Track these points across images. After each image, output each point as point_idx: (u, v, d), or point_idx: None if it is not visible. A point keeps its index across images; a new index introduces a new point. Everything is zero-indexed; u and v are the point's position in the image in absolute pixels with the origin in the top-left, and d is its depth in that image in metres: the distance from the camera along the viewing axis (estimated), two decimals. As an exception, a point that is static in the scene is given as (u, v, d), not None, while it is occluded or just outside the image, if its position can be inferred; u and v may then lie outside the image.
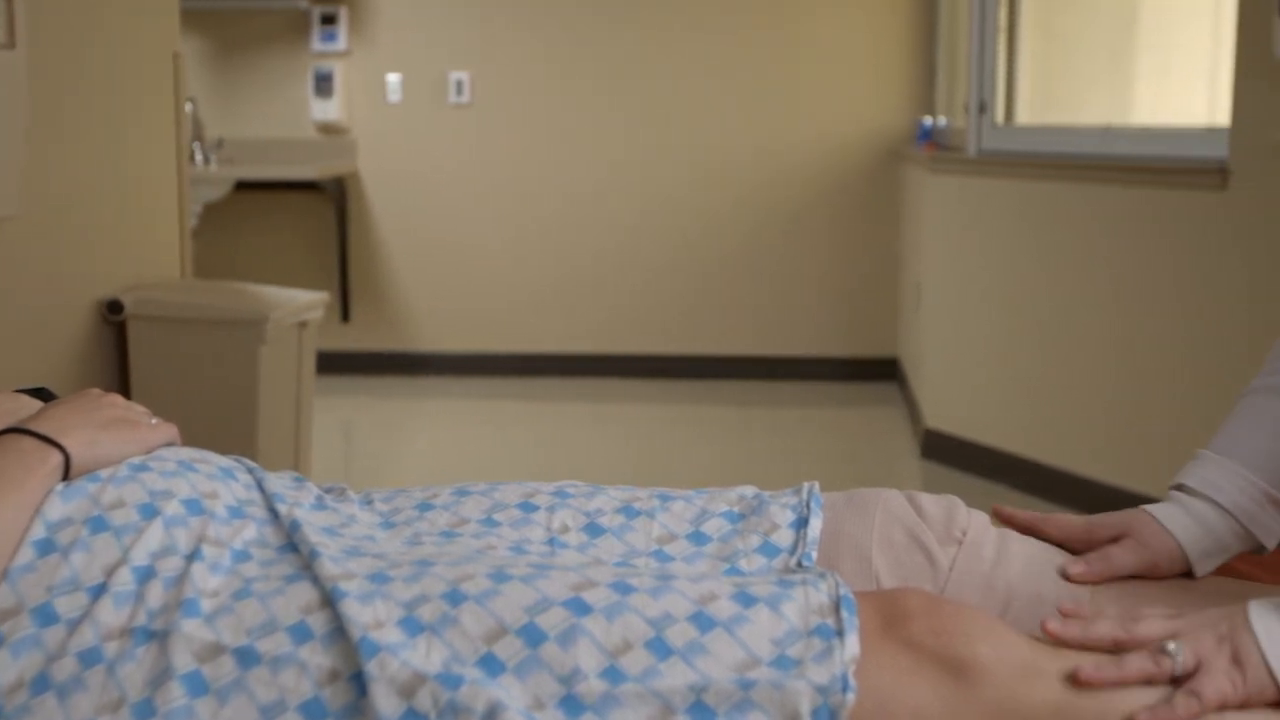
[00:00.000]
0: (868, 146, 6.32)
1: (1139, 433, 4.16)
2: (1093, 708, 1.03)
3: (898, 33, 6.28)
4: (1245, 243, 3.75)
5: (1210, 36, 4.21)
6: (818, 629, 1.05)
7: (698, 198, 6.39)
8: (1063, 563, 1.26)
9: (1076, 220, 4.35)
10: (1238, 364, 3.80)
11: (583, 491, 1.32)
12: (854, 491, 1.33)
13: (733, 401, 6.13)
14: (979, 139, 4.91)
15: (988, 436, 4.74)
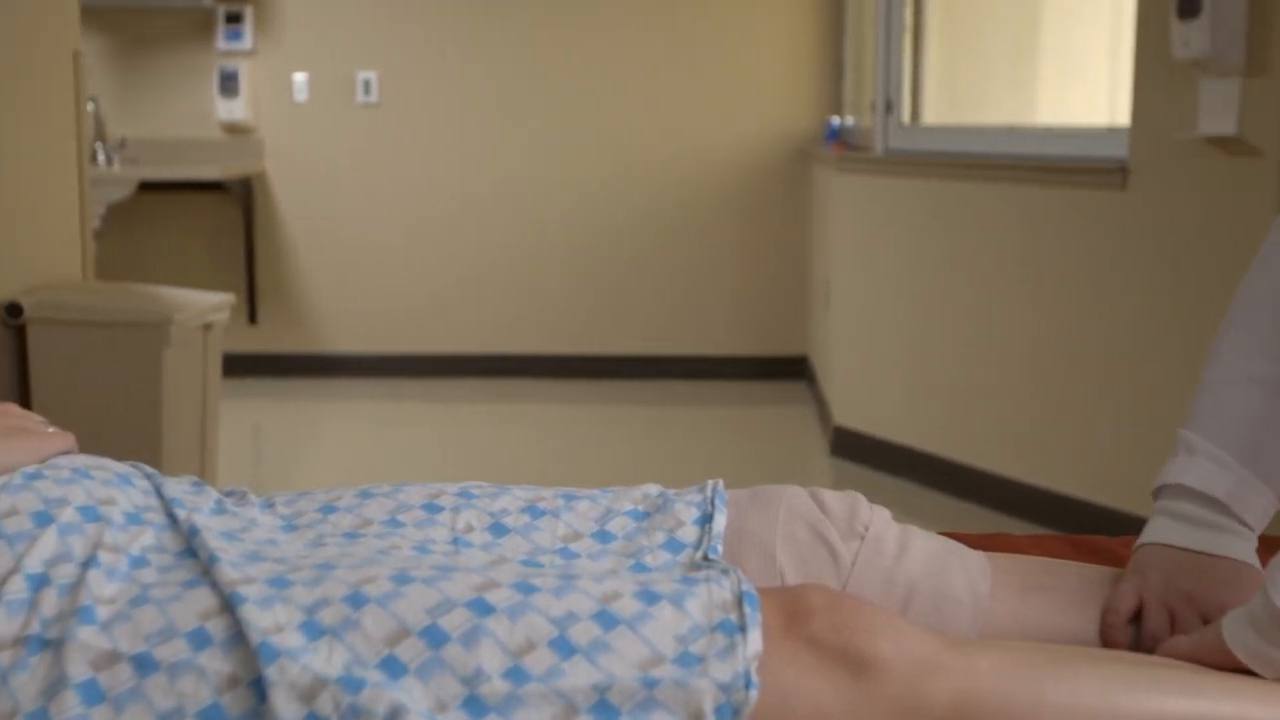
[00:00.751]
0: (777, 146, 6.35)
1: (1046, 429, 4.22)
2: (992, 703, 1.04)
3: (806, 33, 6.32)
4: (1145, 240, 3.81)
5: (1110, 37, 4.27)
6: (721, 624, 1.06)
7: (606, 197, 6.39)
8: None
9: (982, 219, 4.40)
10: (1140, 359, 3.86)
11: (488, 492, 1.32)
12: (758, 488, 1.33)
13: (642, 401, 6.14)
14: (885, 139, 4.95)
15: (897, 434, 4.78)
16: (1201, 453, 1.33)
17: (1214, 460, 1.32)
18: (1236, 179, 3.50)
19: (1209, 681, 1.08)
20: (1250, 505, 1.31)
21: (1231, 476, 1.31)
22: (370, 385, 6.41)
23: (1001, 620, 1.25)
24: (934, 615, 1.24)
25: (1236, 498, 1.31)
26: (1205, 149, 3.57)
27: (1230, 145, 3.50)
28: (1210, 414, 1.35)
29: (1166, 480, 1.35)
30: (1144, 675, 1.08)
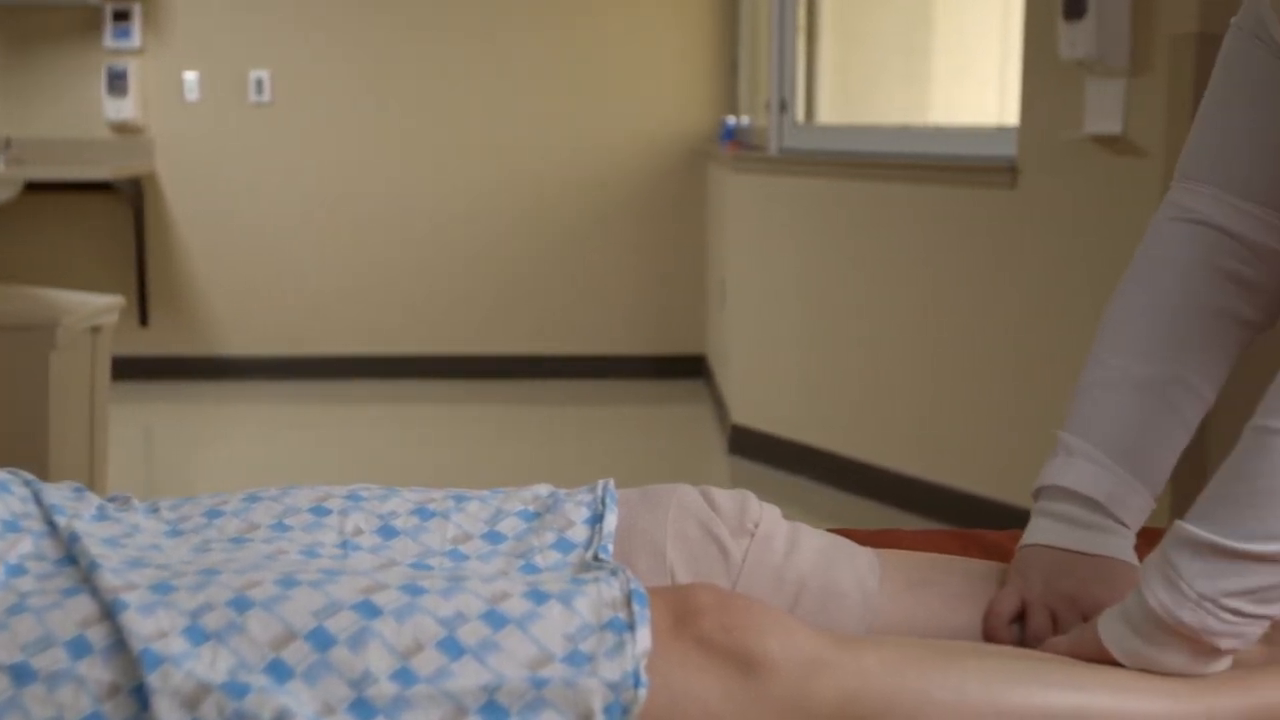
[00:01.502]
0: (673, 145, 6.37)
1: (941, 425, 4.26)
2: (879, 700, 1.05)
3: (701, 32, 6.34)
4: (1035, 239, 3.86)
5: (1000, 38, 4.33)
6: (610, 623, 1.05)
7: (503, 197, 6.37)
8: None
9: (876, 217, 4.44)
10: (1031, 355, 3.92)
11: (376, 494, 1.31)
12: (648, 487, 1.33)
13: (540, 401, 6.13)
14: (780, 138, 4.98)
15: (794, 431, 4.81)
16: (1079, 454, 1.35)
17: (1092, 461, 1.34)
18: (1122, 178, 3.56)
19: (1092, 675, 1.10)
20: (1128, 506, 1.33)
21: (1109, 477, 1.33)
22: (264, 388, 6.34)
23: (889, 616, 1.26)
24: (823, 612, 1.25)
25: (1114, 498, 1.33)
26: (1092, 148, 3.63)
27: (1116, 144, 3.56)
28: (1088, 416, 1.37)
29: (1045, 482, 1.37)
30: (1028, 669, 1.09)
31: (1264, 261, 1.36)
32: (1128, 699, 1.07)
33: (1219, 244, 1.37)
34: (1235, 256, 1.36)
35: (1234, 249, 1.36)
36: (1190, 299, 1.37)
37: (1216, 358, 1.38)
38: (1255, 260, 1.36)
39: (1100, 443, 1.35)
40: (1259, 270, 1.37)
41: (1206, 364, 1.38)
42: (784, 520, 1.32)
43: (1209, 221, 1.37)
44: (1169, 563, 1.11)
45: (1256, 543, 1.07)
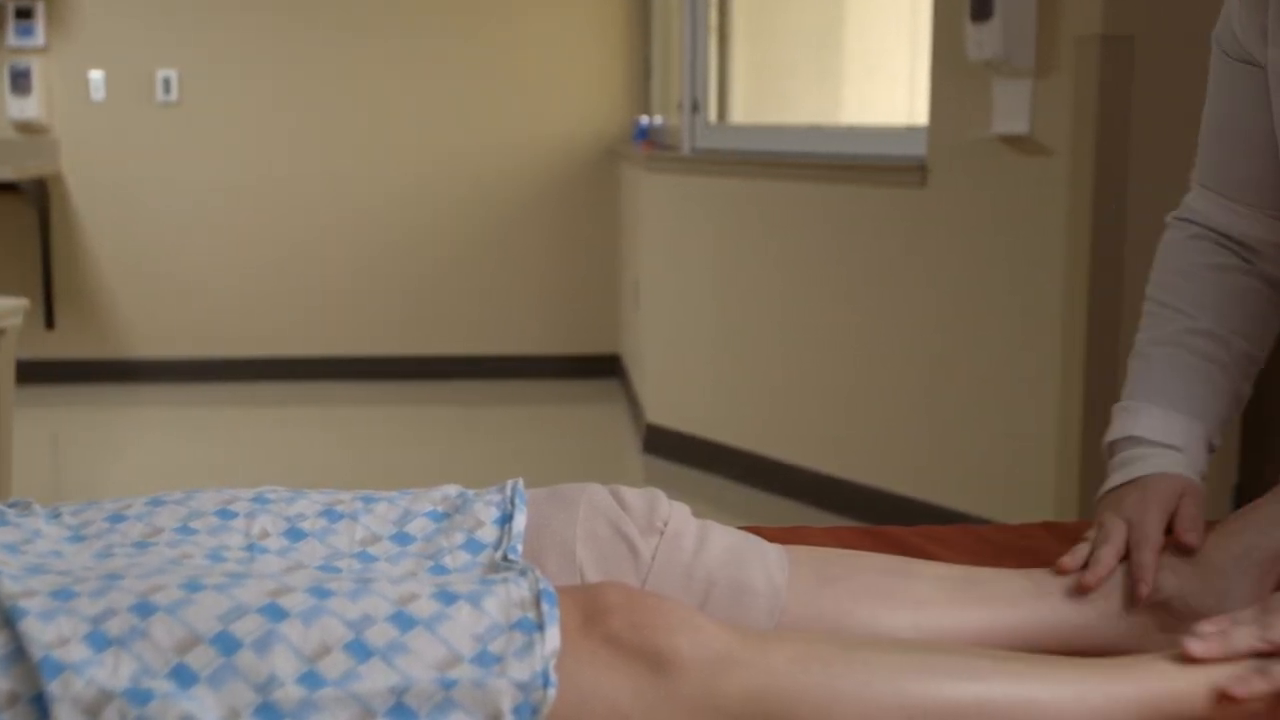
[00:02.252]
0: (586, 145, 6.37)
1: (852, 423, 4.30)
2: (787, 696, 1.06)
3: (613, 32, 6.34)
4: (944, 238, 3.90)
5: (909, 38, 4.37)
6: (519, 623, 1.05)
7: (415, 198, 6.34)
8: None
9: (788, 217, 4.46)
10: (941, 352, 3.96)
11: (283, 496, 1.30)
12: (558, 487, 1.33)
13: (454, 402, 6.11)
14: (693, 138, 4.99)
15: (708, 430, 4.82)
16: (1119, 413, 1.47)
17: (1126, 411, 1.46)
18: (1029, 177, 3.60)
19: (994, 665, 1.11)
20: (1176, 433, 1.43)
21: (1140, 416, 1.45)
22: (174, 390, 6.26)
23: (798, 612, 1.27)
24: (732, 609, 1.26)
25: (1151, 428, 1.44)
26: (999, 148, 3.67)
27: (1023, 144, 3.60)
28: (1142, 377, 1.49)
29: (1113, 437, 1.47)
30: (933, 662, 1.10)
31: (1272, 255, 1.50)
32: (1028, 687, 1.09)
33: (1227, 245, 1.51)
34: (1244, 253, 1.51)
35: (1243, 251, 1.51)
36: (1216, 288, 1.50)
37: (1257, 329, 1.49)
38: (1263, 255, 1.50)
39: (1135, 395, 1.48)
40: (1270, 263, 1.50)
41: (1246, 331, 1.48)
42: (693, 518, 1.32)
43: (1214, 227, 1.52)
44: None
45: None
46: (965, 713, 1.07)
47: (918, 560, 1.37)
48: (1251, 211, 1.48)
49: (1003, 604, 1.29)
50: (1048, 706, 1.08)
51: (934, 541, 1.57)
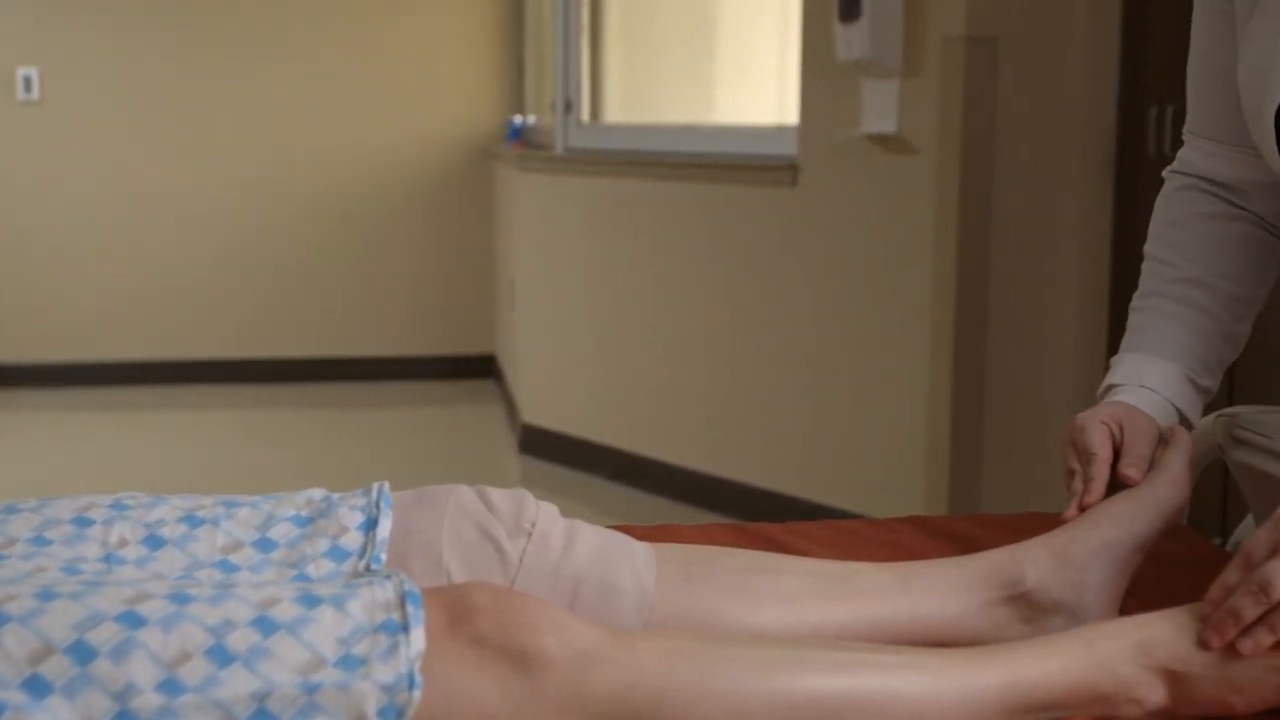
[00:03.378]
0: (459, 144, 6.34)
1: (726, 421, 4.32)
2: (654, 693, 1.06)
3: (486, 31, 6.32)
4: (815, 236, 3.94)
5: (780, 38, 4.40)
6: (384, 625, 1.04)
7: (288, 198, 6.27)
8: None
9: (662, 216, 4.48)
10: (813, 349, 4.00)
11: (142, 502, 1.27)
12: (424, 489, 1.32)
13: (327, 405, 6.04)
14: (566, 137, 4.99)
15: (584, 430, 4.83)
16: (1122, 361, 1.50)
17: (1133, 355, 1.50)
18: (897, 175, 3.65)
19: (858, 658, 1.12)
20: (1139, 370, 1.48)
21: (1123, 364, 1.49)
22: (39, 396, 6.12)
23: (665, 610, 1.27)
24: (600, 608, 1.25)
25: (1130, 373, 1.48)
26: (868, 147, 3.72)
27: (891, 144, 3.65)
28: (1128, 331, 1.53)
29: (1099, 392, 1.51)
30: (798, 656, 1.11)
31: (1260, 195, 1.53)
32: (892, 678, 1.10)
33: (1220, 193, 1.54)
34: (1239, 199, 1.53)
35: (1234, 196, 1.53)
36: (1212, 238, 1.53)
37: (1251, 276, 1.53)
38: (1251, 196, 1.53)
39: (1121, 350, 1.52)
40: (1260, 203, 1.53)
41: (1243, 281, 1.52)
42: (561, 518, 1.32)
43: (1206, 175, 1.55)
44: None
45: None
46: (831, 705, 1.08)
47: (785, 556, 1.38)
48: (1236, 152, 1.50)
49: (869, 598, 1.30)
50: (911, 696, 1.09)
51: (803, 537, 1.58)
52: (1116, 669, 1.13)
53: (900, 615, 1.30)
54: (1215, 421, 1.61)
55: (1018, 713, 1.11)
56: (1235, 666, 1.12)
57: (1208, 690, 1.13)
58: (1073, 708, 1.13)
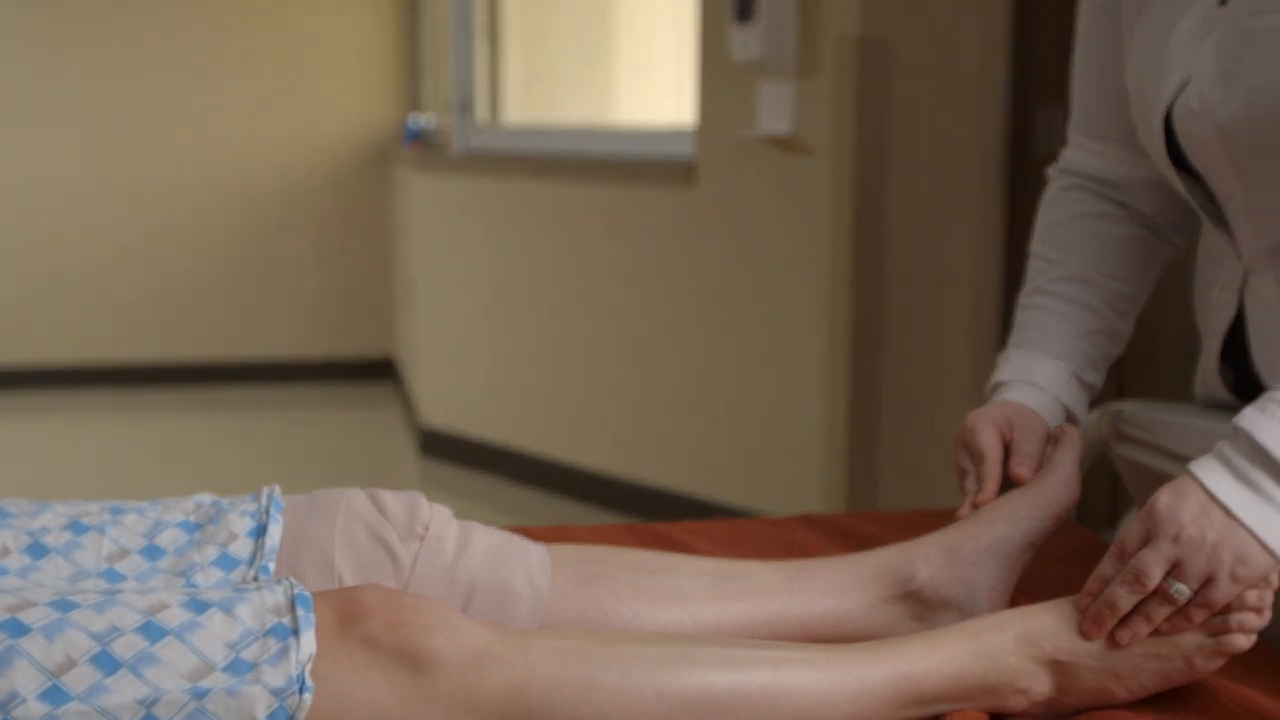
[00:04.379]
0: (355, 145, 6.30)
1: (626, 420, 4.33)
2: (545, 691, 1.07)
3: (383, 31, 6.28)
4: (713, 236, 3.96)
5: (677, 39, 4.42)
6: (273, 629, 1.04)
7: (179, 201, 6.18)
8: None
9: (561, 217, 4.48)
10: (710, 348, 4.01)
11: (26, 509, 1.25)
12: (316, 493, 1.31)
13: (223, 408, 5.97)
14: (463, 138, 4.97)
15: (485, 431, 4.81)
16: (1009, 359, 1.52)
17: (1004, 360, 1.52)
18: (793, 176, 3.68)
19: (748, 653, 1.13)
20: (1024, 368, 1.50)
21: (1012, 361, 1.51)
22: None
23: (560, 611, 1.27)
24: (495, 610, 1.25)
25: (1017, 369, 1.50)
26: (765, 148, 3.74)
27: (787, 144, 3.68)
28: (1015, 329, 1.54)
29: (986, 390, 1.53)
30: (689, 653, 1.12)
31: (1144, 194, 1.54)
32: (782, 674, 1.11)
33: (1103, 193, 1.55)
34: (1118, 194, 1.55)
35: (1118, 195, 1.55)
36: (1094, 235, 1.54)
37: (1133, 277, 1.55)
38: (1136, 194, 1.54)
39: (1007, 348, 1.53)
40: (1143, 202, 1.54)
41: (1125, 281, 1.54)
42: (455, 521, 1.32)
43: (1085, 170, 1.57)
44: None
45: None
46: (721, 700, 1.09)
47: (680, 555, 1.38)
48: (1121, 150, 1.52)
49: (761, 596, 1.31)
50: (801, 690, 1.10)
51: (697, 536, 1.59)
52: (1002, 660, 1.15)
53: (793, 613, 1.31)
54: (1101, 417, 1.64)
55: (906, 705, 1.13)
56: (1117, 655, 1.15)
57: (1090, 679, 1.15)
58: (961, 699, 1.14)
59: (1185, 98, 1.32)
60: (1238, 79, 1.27)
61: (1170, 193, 1.52)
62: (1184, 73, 1.32)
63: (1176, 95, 1.33)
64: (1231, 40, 1.28)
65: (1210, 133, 1.30)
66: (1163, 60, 1.35)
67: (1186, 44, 1.32)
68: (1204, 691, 1.16)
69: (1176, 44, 1.33)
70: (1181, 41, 1.33)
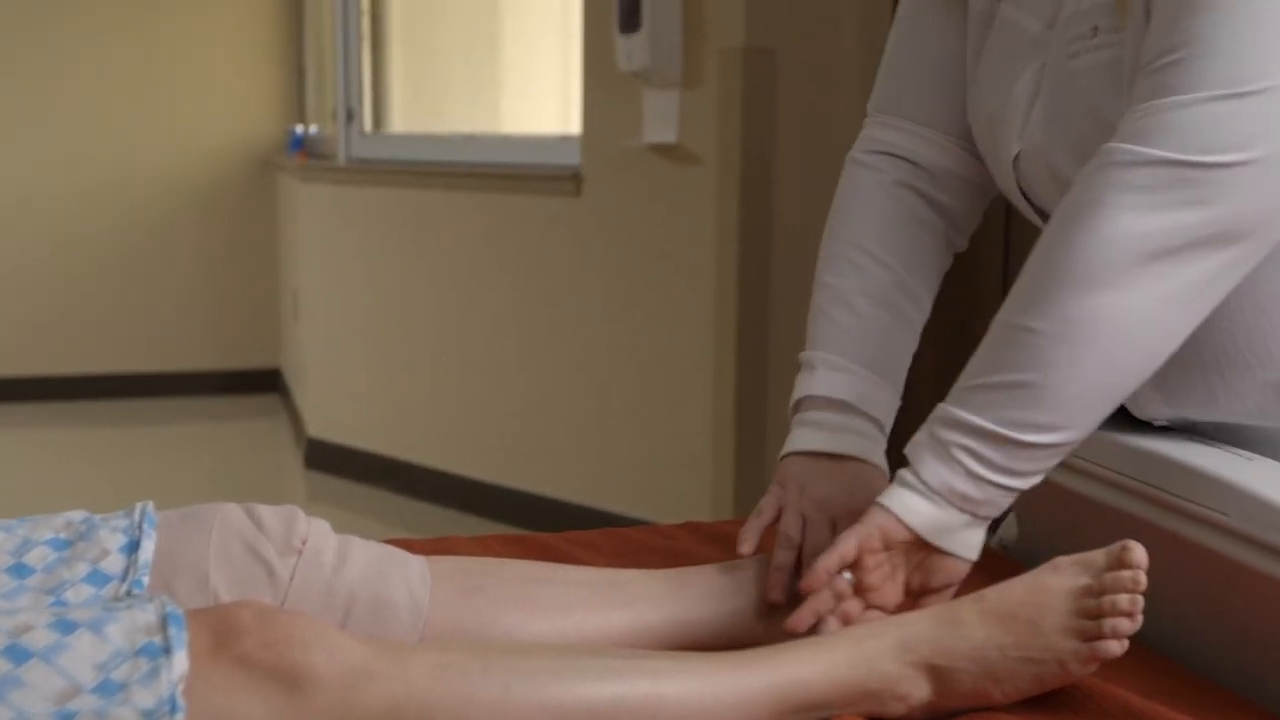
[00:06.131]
0: (239, 155, 6.22)
1: (514, 430, 4.31)
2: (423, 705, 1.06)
3: (266, 39, 6.21)
4: (600, 244, 3.96)
5: (563, 48, 4.42)
6: (144, 648, 1.02)
7: (62, 210, 6.06)
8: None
9: (446, 226, 4.45)
10: (598, 355, 4.01)
11: (-112, 529, 1.22)
12: (191, 508, 1.29)
13: (105, 423, 5.86)
14: (348, 147, 4.93)
15: (371, 443, 4.77)
16: (823, 364, 1.42)
17: (835, 369, 1.41)
18: (678, 184, 3.69)
19: (629, 664, 1.13)
20: (877, 401, 1.41)
21: (855, 379, 1.41)
22: None
23: (441, 623, 1.26)
24: (374, 624, 1.24)
25: (864, 398, 1.40)
26: (651, 157, 3.75)
27: (672, 153, 3.69)
28: (825, 333, 1.44)
29: (797, 396, 1.44)
30: (571, 664, 1.11)
31: (951, 185, 1.48)
32: (663, 683, 1.11)
33: (908, 169, 1.48)
34: (925, 180, 1.48)
35: (922, 175, 1.48)
36: (892, 214, 1.47)
37: (927, 263, 1.48)
38: (943, 184, 1.48)
39: (840, 351, 1.42)
40: (947, 193, 1.49)
41: (919, 268, 1.47)
42: (334, 534, 1.30)
43: (896, 151, 1.48)
44: (939, 441, 1.20)
45: (1022, 431, 1.17)
46: (603, 711, 1.09)
47: (561, 565, 1.38)
48: (938, 136, 1.48)
49: (644, 605, 1.31)
50: (680, 700, 1.10)
51: (580, 546, 1.59)
52: (881, 666, 1.15)
53: (676, 620, 1.31)
54: None
55: (787, 713, 1.13)
56: (993, 660, 1.16)
57: (968, 683, 1.16)
58: (841, 706, 1.15)
59: (1023, 139, 1.34)
60: (1066, 120, 1.30)
61: (982, 196, 1.51)
62: (1024, 114, 1.34)
63: (1021, 134, 1.35)
64: (1056, 83, 1.31)
65: (1043, 171, 1.33)
66: (1007, 111, 1.36)
67: (1023, 86, 1.34)
68: (1078, 692, 1.18)
69: (1019, 94, 1.35)
70: (1023, 87, 1.34)
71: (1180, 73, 1.13)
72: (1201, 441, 1.35)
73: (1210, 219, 1.13)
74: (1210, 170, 1.12)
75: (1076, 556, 1.18)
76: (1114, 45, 1.25)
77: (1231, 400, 1.33)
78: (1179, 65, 1.14)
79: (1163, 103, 1.14)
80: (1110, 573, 1.15)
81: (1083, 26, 1.28)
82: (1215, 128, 1.12)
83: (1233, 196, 1.12)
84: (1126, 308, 1.14)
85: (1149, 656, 1.27)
